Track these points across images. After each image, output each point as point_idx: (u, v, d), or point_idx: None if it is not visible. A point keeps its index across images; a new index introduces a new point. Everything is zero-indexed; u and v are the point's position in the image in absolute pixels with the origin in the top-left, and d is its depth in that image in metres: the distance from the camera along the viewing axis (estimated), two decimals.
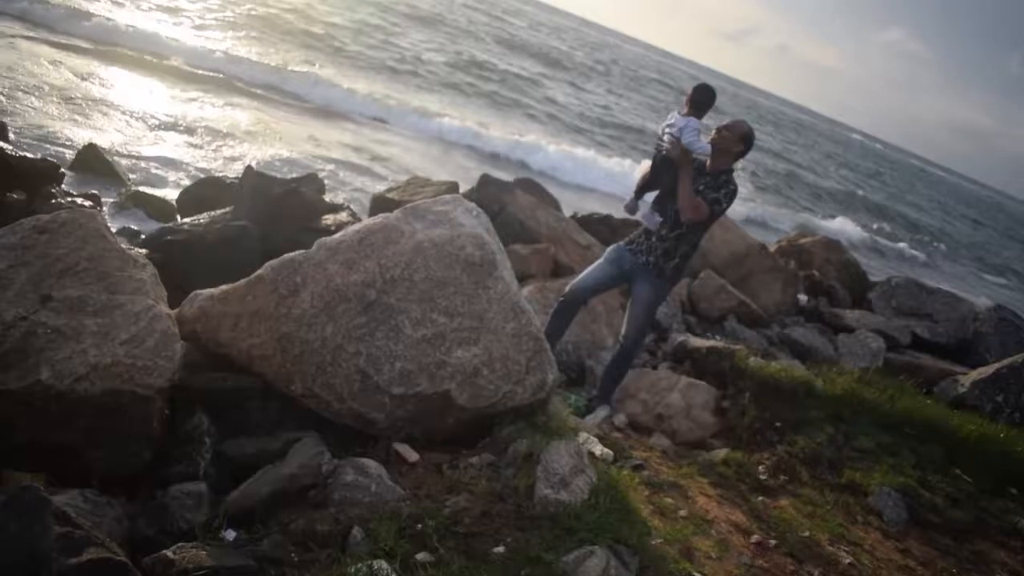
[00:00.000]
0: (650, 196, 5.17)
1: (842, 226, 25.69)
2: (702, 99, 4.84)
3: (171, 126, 11.81)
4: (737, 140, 4.76)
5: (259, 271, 3.62)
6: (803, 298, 9.49)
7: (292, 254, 3.65)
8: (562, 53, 49.47)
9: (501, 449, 3.63)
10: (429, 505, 3.12)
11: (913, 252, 28.47)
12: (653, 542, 3.33)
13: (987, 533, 4.87)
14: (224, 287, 3.65)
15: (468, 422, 3.72)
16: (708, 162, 4.81)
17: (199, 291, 3.70)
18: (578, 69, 44.48)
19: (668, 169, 4.85)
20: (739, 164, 4.98)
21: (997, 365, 7.64)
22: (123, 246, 3.58)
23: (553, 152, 19.44)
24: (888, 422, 5.77)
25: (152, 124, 11.56)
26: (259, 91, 15.94)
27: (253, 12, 23.07)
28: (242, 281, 3.63)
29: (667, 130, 4.84)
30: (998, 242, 50.07)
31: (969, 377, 7.69)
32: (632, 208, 5.21)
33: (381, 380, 3.53)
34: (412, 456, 3.54)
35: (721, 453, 4.81)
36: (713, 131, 4.81)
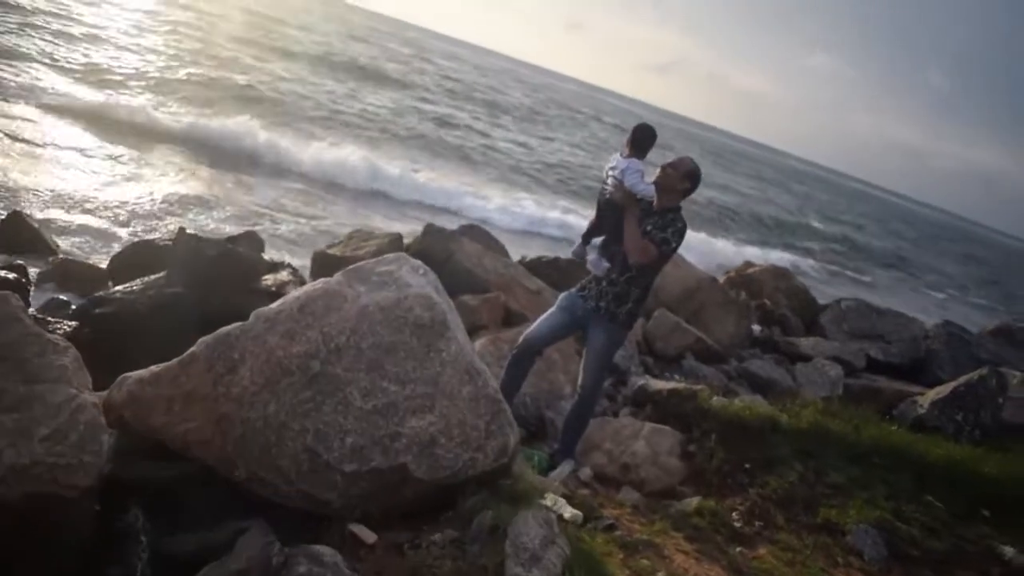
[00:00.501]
0: (598, 241, 5.03)
1: (781, 255, 26.00)
2: (641, 138, 4.72)
3: (101, 185, 11.40)
4: (682, 177, 4.64)
5: (192, 349, 3.36)
6: (757, 328, 9.44)
7: (227, 328, 3.40)
8: (500, 95, 49.81)
9: (465, 522, 3.39)
10: None
11: (855, 274, 28.96)
12: None
13: (967, 562, 4.78)
14: (154, 368, 3.38)
15: (428, 495, 3.47)
16: (655, 201, 4.68)
17: (127, 374, 3.41)
18: (519, 112, 44.73)
19: (613, 212, 4.72)
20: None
21: (954, 384, 7.64)
22: (40, 329, 3.28)
23: (497, 199, 19.33)
24: (856, 452, 5.68)
25: (81, 185, 11.15)
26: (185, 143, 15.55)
27: (192, 75, 22.67)
28: (174, 361, 3.36)
29: (610, 173, 4.71)
30: (935, 257, 51.41)
31: (927, 397, 7.68)
32: (580, 254, 5.06)
33: (331, 458, 3.28)
34: (370, 537, 3.29)
35: (693, 502, 4.62)
36: (658, 169, 4.68)
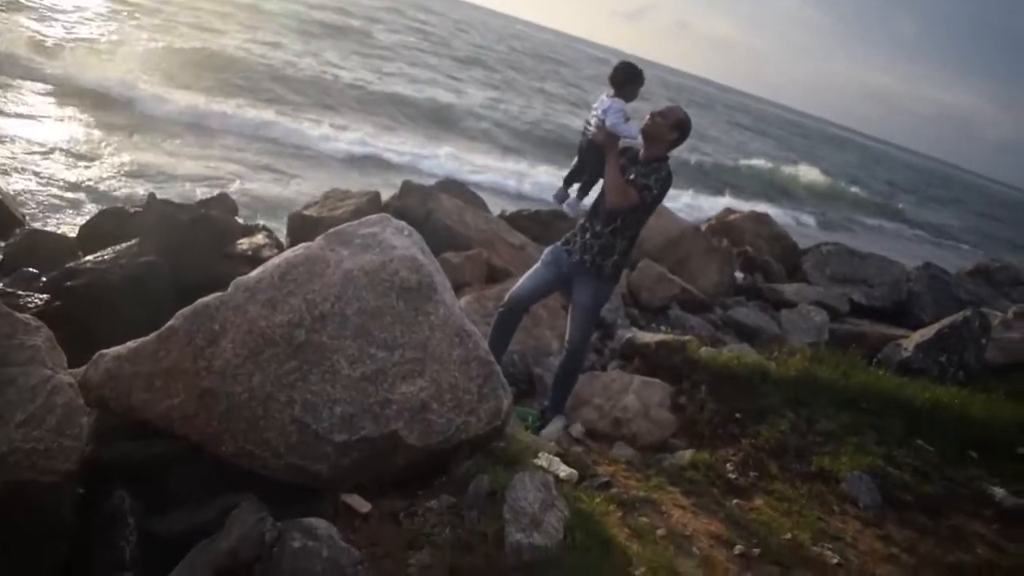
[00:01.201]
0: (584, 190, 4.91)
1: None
2: (623, 78, 4.55)
3: (63, 154, 11.10)
4: (671, 127, 4.50)
5: (170, 322, 3.23)
6: (740, 276, 9.40)
7: (206, 299, 3.27)
8: (481, 50, 49.08)
9: (460, 488, 3.33)
10: (390, 567, 2.80)
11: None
12: (637, 574, 3.07)
13: (959, 505, 4.78)
14: (132, 344, 3.25)
15: (421, 461, 3.39)
16: (639, 145, 4.56)
17: (104, 351, 3.28)
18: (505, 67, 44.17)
19: (594, 155, 4.58)
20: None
21: (938, 326, 7.65)
22: (8, 309, 3.13)
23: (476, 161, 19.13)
24: (845, 399, 5.67)
25: (43, 153, 10.85)
26: (144, 111, 15.13)
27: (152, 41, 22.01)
28: (152, 335, 3.23)
29: (594, 112, 4.55)
30: (914, 199, 51.75)
31: (911, 340, 7.69)
32: (562, 198, 4.92)
33: (320, 428, 3.18)
34: (364, 507, 3.21)
35: (687, 455, 4.58)
36: (646, 117, 4.54)
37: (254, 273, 3.37)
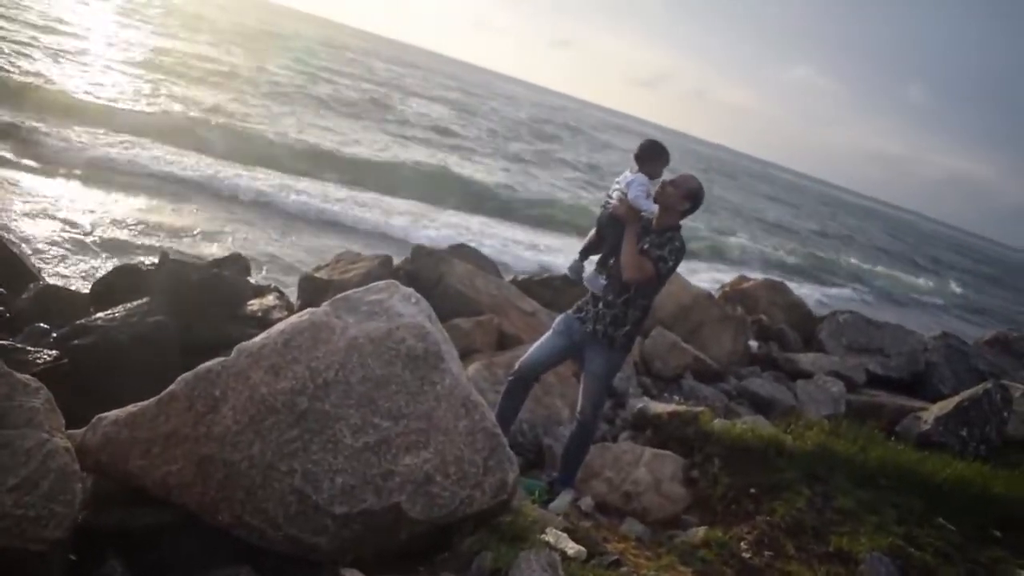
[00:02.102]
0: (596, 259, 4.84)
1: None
2: (645, 155, 4.53)
3: (80, 213, 11.21)
4: (683, 197, 4.46)
5: (171, 387, 3.18)
6: (754, 344, 9.27)
7: (208, 364, 3.21)
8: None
9: (464, 564, 3.21)
10: None
11: (848, 292, 28.75)
12: None
13: None
14: (131, 408, 3.18)
15: (423, 535, 3.28)
16: (654, 221, 4.52)
17: (103, 415, 3.22)
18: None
19: (613, 228, 4.54)
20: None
21: (958, 399, 7.50)
22: (8, 369, 3.08)
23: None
24: (863, 474, 5.53)
25: (59, 212, 10.96)
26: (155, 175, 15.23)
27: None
28: (152, 400, 3.17)
29: (616, 186, 4.53)
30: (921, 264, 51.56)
31: (931, 413, 7.53)
32: (577, 270, 4.85)
33: (321, 499, 3.09)
34: None
35: (699, 532, 4.45)
36: (657, 185, 4.51)
37: (258, 339, 3.31)
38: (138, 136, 17.38)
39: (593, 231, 4.79)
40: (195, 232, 12.00)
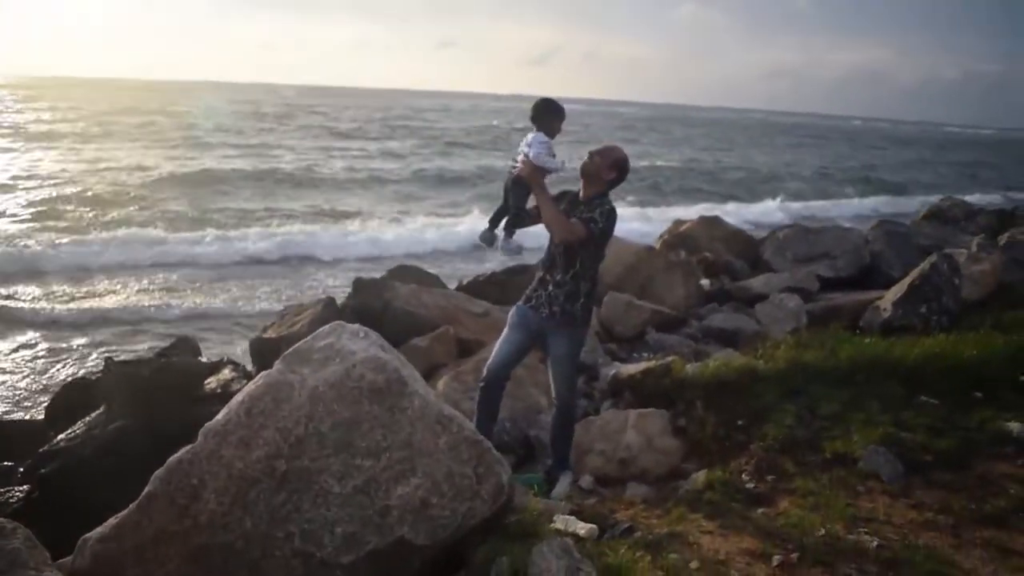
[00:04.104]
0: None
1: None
2: (539, 114, 4.51)
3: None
4: (609, 167, 4.46)
5: (147, 488, 3.12)
6: (706, 283, 9.39)
7: (177, 456, 3.16)
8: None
9: (482, 575, 3.20)
10: None
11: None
12: None
13: (979, 450, 4.76)
14: (113, 521, 3.12)
15: (436, 559, 3.27)
16: (582, 192, 4.52)
17: (87, 535, 3.15)
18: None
19: (518, 191, 4.48)
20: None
21: (909, 279, 7.68)
22: None
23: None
24: (839, 376, 5.63)
25: None
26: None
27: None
28: (132, 506, 3.11)
29: (521, 150, 4.48)
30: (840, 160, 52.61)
31: (887, 300, 7.70)
32: (488, 239, 4.72)
33: (325, 554, 3.06)
34: None
35: (701, 477, 4.49)
36: (584, 155, 4.51)
37: (220, 416, 3.26)
38: None
39: (501, 200, 4.71)
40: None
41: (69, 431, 6.22)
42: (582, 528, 3.68)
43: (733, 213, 21.85)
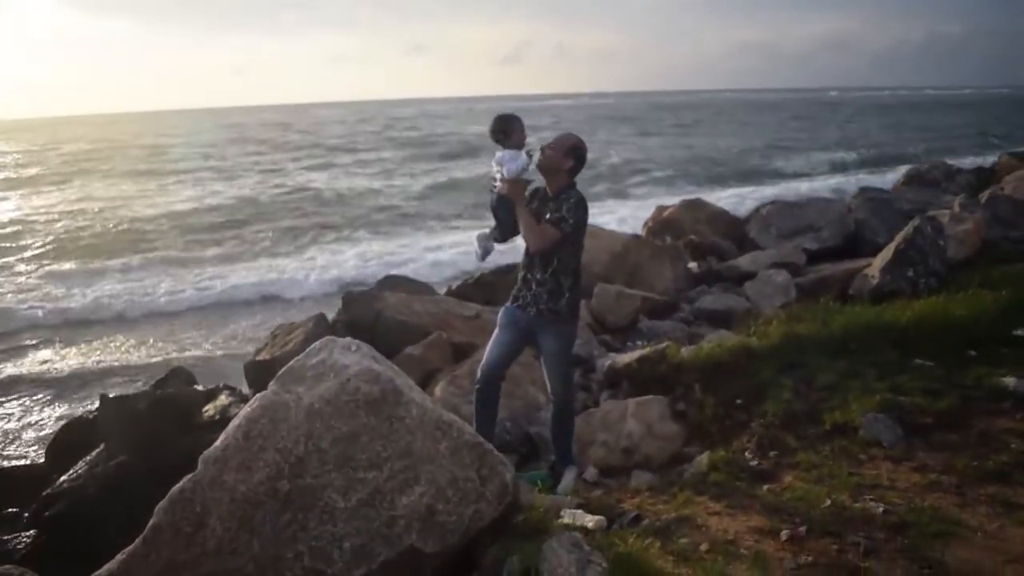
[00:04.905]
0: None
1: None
2: (497, 128, 4.54)
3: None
4: (564, 156, 4.47)
5: (151, 520, 3.11)
6: (694, 265, 9.43)
7: (179, 486, 3.15)
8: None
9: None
10: None
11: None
12: None
13: (978, 408, 4.77)
14: (120, 557, 3.11)
15: (447, 565, 3.28)
16: (548, 189, 4.53)
17: (96, 573, 3.14)
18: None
19: (506, 208, 4.53)
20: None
21: (894, 244, 7.71)
22: None
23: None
24: (833, 347, 5.65)
25: None
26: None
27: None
28: (138, 540, 3.10)
29: (496, 170, 4.52)
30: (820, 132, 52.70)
31: (875, 266, 7.74)
32: (485, 251, 4.81)
33: (336, 570, 3.06)
34: None
35: (704, 459, 4.49)
36: (537, 153, 4.52)
37: (218, 442, 3.26)
38: None
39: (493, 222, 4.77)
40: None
41: (71, 472, 6.22)
42: (590, 520, 3.69)
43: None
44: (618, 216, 20.06)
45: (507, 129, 4.52)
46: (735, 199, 22.98)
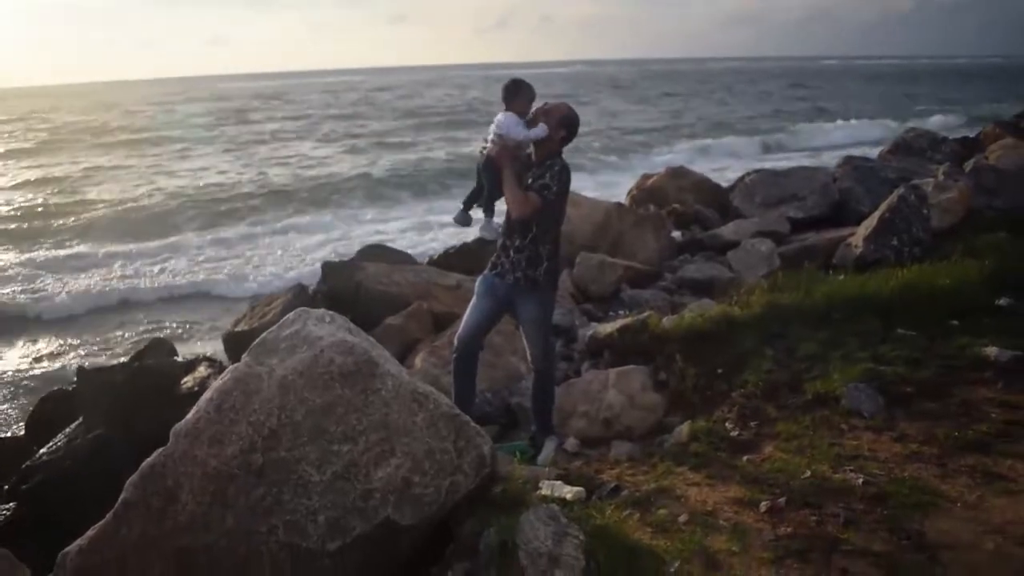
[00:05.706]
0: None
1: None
2: (508, 95, 4.48)
3: None
4: (557, 125, 4.40)
5: (122, 495, 3.07)
6: (677, 234, 9.38)
7: (150, 460, 3.11)
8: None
9: (472, 550, 3.18)
10: None
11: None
12: (672, 572, 2.95)
13: (959, 377, 4.75)
14: (91, 532, 3.07)
15: (424, 537, 3.25)
16: (533, 155, 4.47)
17: (66, 550, 3.10)
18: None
19: (490, 172, 4.47)
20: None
21: (878, 213, 7.69)
22: None
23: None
24: (815, 316, 5.63)
25: None
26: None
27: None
28: (108, 515, 3.06)
29: (492, 131, 4.45)
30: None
31: (859, 235, 7.72)
32: (462, 220, 4.75)
33: (311, 543, 3.03)
34: None
35: (684, 429, 4.46)
36: (530, 117, 4.45)
37: (189, 415, 3.21)
38: None
39: (475, 183, 4.70)
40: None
41: (51, 444, 6.15)
42: (569, 492, 3.66)
43: None
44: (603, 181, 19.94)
45: (515, 92, 4.47)
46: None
